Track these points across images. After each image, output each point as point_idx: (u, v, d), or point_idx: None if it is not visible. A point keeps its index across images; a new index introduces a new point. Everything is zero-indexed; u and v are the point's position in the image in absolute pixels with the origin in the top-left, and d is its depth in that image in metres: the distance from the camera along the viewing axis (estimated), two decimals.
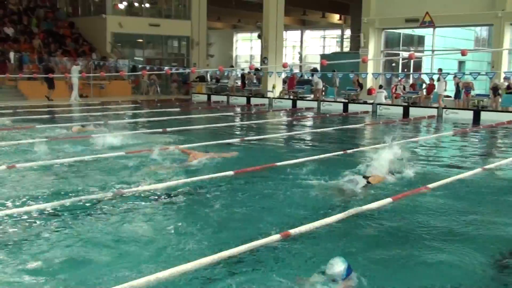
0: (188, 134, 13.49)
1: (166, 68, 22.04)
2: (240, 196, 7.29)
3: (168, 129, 13.95)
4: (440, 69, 21.80)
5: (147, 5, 31.78)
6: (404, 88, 23.44)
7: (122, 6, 31.20)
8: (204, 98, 27.21)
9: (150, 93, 27.80)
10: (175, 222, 6.09)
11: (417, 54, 27.93)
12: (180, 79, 31.48)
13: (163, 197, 7.15)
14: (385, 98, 23.02)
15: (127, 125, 15.07)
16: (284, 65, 10.91)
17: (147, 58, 31.21)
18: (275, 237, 5.40)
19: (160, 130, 13.84)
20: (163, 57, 32.06)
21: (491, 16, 23.05)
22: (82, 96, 24.54)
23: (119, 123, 15.12)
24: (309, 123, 18.80)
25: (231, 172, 8.46)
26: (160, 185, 7.63)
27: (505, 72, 20.14)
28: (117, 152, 10.11)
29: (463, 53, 7.97)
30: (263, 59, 28.20)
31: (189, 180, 8.02)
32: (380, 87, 23.67)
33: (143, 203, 6.80)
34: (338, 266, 4.29)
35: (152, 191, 7.36)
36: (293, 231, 5.58)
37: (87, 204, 6.65)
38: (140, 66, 24.81)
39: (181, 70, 23.82)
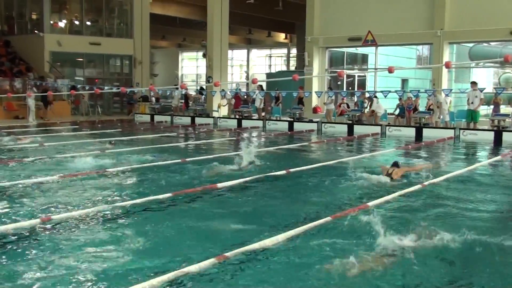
0: (126, 155, 12.95)
1: (106, 88, 21.37)
2: (177, 220, 6.93)
3: (107, 151, 13.43)
4: (375, 93, 22.06)
5: (88, 23, 31.00)
6: (348, 106, 23.60)
7: (61, 24, 30.34)
8: (147, 118, 26.60)
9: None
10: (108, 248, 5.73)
11: (348, 72, 28.43)
12: (124, 99, 30.82)
13: (95, 222, 6.77)
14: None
15: (64, 147, 14.44)
16: (216, 84, 10.56)
17: (87, 77, 30.32)
18: (210, 261, 5.13)
19: (98, 151, 13.32)
20: (104, 76, 31.27)
21: (431, 35, 23.63)
22: (18, 117, 23.55)
23: (54, 145, 14.57)
24: (254, 142, 18.52)
25: (169, 194, 8.15)
26: (91, 210, 7.23)
27: (443, 90, 20.49)
28: (50, 176, 9.56)
29: (390, 70, 7.92)
30: (208, 78, 27.90)
31: (125, 203, 7.64)
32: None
33: (77, 228, 6.44)
34: None
35: (84, 215, 6.97)
36: (230, 253, 5.37)
37: (14, 233, 6.18)
38: (79, 86, 24.02)
39: (114, 90, 23.04)
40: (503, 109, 21.23)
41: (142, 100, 29.66)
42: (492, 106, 21.22)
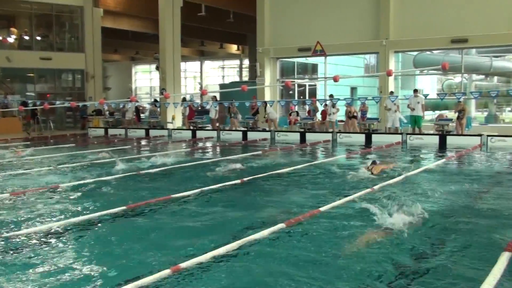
0: (81, 169, 13.01)
1: (58, 103, 21.25)
2: (131, 232, 7.02)
3: (59, 166, 13.48)
4: (331, 95, 22.74)
5: (38, 38, 30.66)
6: (297, 114, 24.17)
7: (10, 39, 29.91)
8: (101, 132, 26.50)
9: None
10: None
11: (298, 81, 29.09)
12: (77, 113, 30.58)
13: (48, 239, 6.76)
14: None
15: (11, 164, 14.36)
16: (166, 96, 10.79)
17: (39, 93, 29.96)
18: (165, 272, 5.24)
19: (51, 167, 13.34)
20: (56, 91, 30.91)
21: (377, 44, 24.51)
22: None
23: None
24: (208, 152, 18.77)
25: (123, 207, 8.22)
26: (44, 226, 7.26)
27: (389, 96, 21.32)
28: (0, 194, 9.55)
29: (335, 79, 8.36)
30: (161, 91, 28.03)
31: (80, 218, 7.69)
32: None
33: (28, 246, 6.40)
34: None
35: (37, 232, 6.96)
36: (183, 264, 5.46)
37: None
38: (30, 101, 23.74)
39: (65, 104, 22.79)
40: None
41: (95, 114, 29.52)
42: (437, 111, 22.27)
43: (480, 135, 18.82)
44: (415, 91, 20.89)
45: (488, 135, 18.54)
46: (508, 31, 21.70)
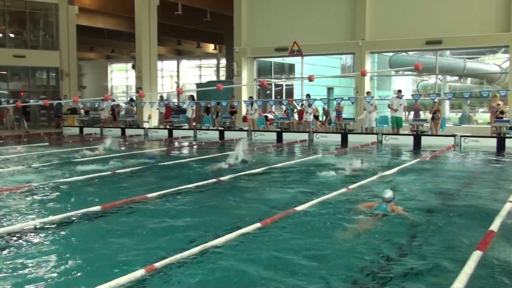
0: (55, 168, 12.85)
1: (32, 101, 20.94)
2: (106, 232, 6.96)
3: (34, 165, 13.30)
4: (308, 95, 22.85)
5: (11, 35, 30.18)
6: (267, 119, 24.28)
7: None
8: (76, 131, 26.20)
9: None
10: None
11: (275, 81, 29.18)
12: (52, 112, 30.20)
13: (20, 239, 6.65)
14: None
15: None
16: (141, 94, 10.74)
17: (12, 91, 29.50)
18: (139, 272, 5.21)
19: (23, 166, 13.14)
20: (30, 89, 30.47)
21: (353, 45, 24.71)
22: None
23: None
24: (184, 152, 18.69)
25: (98, 207, 8.13)
26: (16, 226, 7.11)
27: (365, 97, 21.51)
28: None
29: (310, 78, 8.41)
30: (138, 89, 27.83)
31: (53, 218, 7.55)
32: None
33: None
34: (389, 193, 7.46)
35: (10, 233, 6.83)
36: (158, 264, 5.44)
37: None
38: (3, 100, 23.35)
39: (38, 102, 22.51)
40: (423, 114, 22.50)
41: (70, 112, 29.18)
42: (412, 112, 22.46)
43: (454, 135, 19.09)
44: (399, 91, 21.14)
45: (461, 136, 18.82)
46: (481, 34, 22.07)
